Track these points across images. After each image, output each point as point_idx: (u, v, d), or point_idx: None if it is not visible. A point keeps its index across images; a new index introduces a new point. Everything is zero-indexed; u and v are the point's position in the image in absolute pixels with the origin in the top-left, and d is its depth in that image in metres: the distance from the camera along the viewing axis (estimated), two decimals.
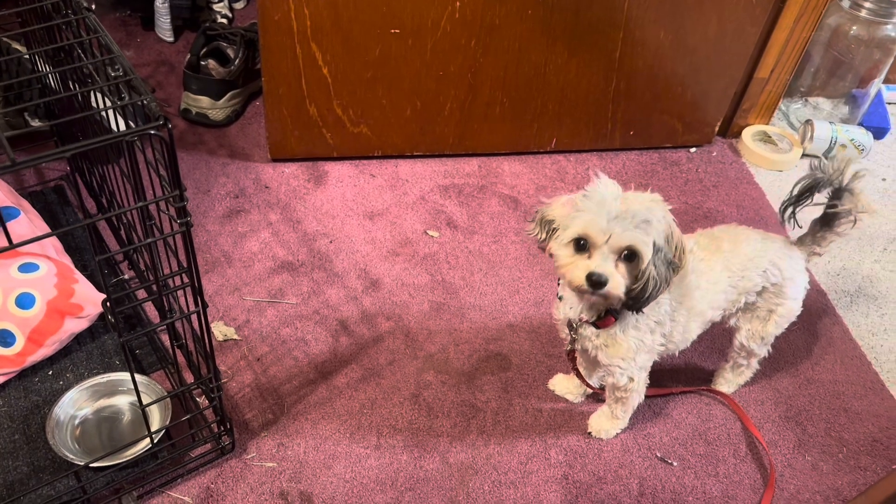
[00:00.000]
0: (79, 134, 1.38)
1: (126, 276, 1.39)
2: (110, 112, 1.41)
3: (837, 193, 1.16)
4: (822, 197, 1.19)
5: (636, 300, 1.00)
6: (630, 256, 0.97)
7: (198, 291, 0.92)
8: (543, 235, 1.04)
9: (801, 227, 1.21)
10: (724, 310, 1.19)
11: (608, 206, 0.96)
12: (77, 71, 1.16)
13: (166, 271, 0.99)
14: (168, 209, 0.89)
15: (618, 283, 0.97)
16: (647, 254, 0.96)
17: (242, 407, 1.26)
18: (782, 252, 1.18)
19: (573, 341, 1.14)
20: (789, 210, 1.19)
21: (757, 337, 1.23)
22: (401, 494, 1.17)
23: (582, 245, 0.98)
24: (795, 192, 1.17)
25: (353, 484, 1.18)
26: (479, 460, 1.23)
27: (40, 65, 1.42)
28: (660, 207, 0.99)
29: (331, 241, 1.55)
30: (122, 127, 1.50)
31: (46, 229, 1.37)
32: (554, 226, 1.02)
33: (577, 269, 0.98)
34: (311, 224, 1.58)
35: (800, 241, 1.23)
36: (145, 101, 0.78)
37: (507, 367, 1.37)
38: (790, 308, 1.21)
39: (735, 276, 1.16)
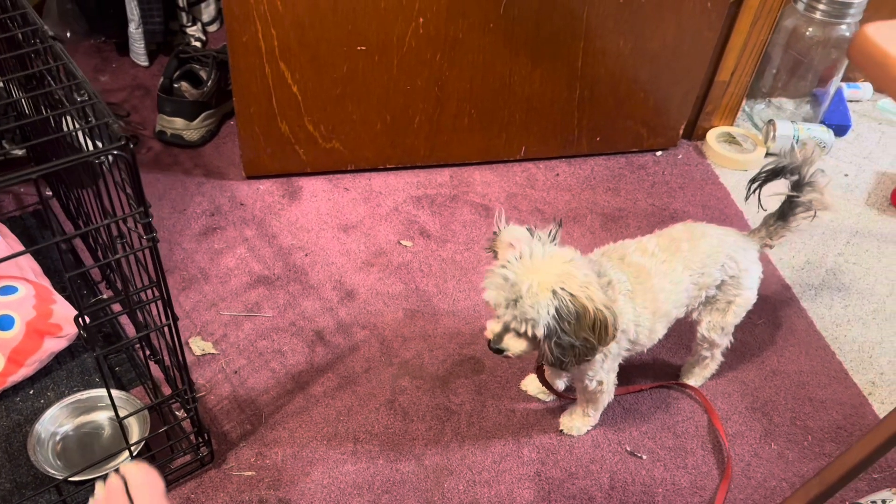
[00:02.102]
0: (55, 160, 1.41)
1: (105, 297, 1.42)
2: (83, 139, 1.45)
3: (798, 186, 1.21)
4: (783, 188, 1.24)
5: (552, 365, 1.07)
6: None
7: (167, 304, 0.95)
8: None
9: (764, 210, 1.27)
10: (687, 306, 1.23)
11: (506, 291, 1.01)
12: (49, 98, 1.20)
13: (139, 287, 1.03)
14: (137, 226, 0.92)
15: (516, 349, 1.06)
16: (538, 340, 1.03)
17: (221, 419, 1.29)
18: (737, 245, 1.22)
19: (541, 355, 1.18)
20: (755, 187, 1.24)
21: (717, 328, 1.27)
22: (378, 497, 1.20)
23: None
24: (762, 173, 1.23)
25: (331, 489, 1.21)
26: (453, 461, 1.26)
27: (15, 93, 1.46)
28: (550, 304, 0.99)
29: (306, 255, 1.58)
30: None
31: (26, 253, 1.40)
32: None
33: (489, 326, 1.08)
34: (287, 238, 1.61)
35: (753, 234, 1.27)
36: (109, 123, 0.82)
37: (480, 370, 1.40)
38: (747, 297, 1.25)
39: (696, 274, 1.19)
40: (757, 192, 1.24)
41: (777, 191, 1.24)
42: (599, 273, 1.12)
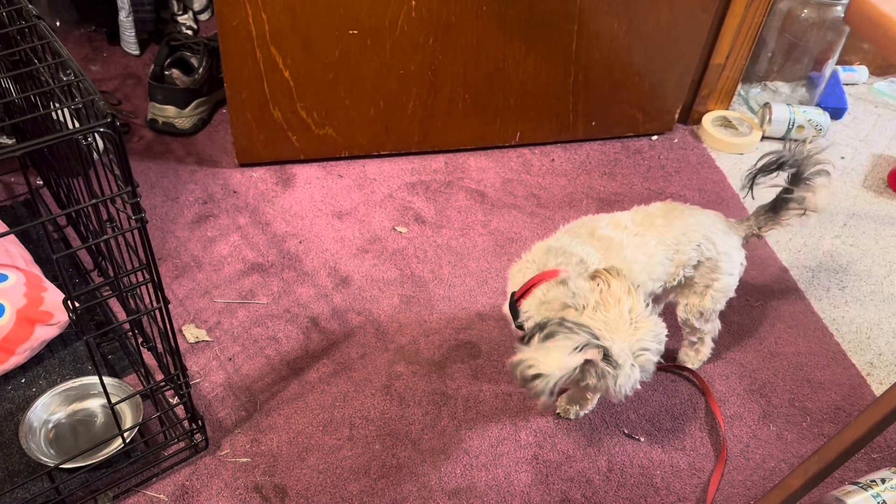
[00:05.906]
0: (45, 148, 1.40)
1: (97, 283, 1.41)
2: (72, 123, 1.43)
3: (795, 180, 1.20)
4: (780, 181, 1.23)
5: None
6: None
7: (158, 286, 0.94)
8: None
9: (754, 199, 1.25)
10: (664, 282, 1.22)
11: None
12: (36, 81, 1.18)
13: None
14: (126, 208, 0.91)
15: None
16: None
17: (215, 406, 1.28)
18: (716, 227, 1.21)
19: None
20: (748, 178, 1.23)
21: (695, 311, 1.26)
22: (374, 482, 1.19)
23: None
24: (759, 164, 1.22)
25: (327, 474, 1.20)
26: (450, 446, 1.25)
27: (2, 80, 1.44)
28: None
29: (300, 242, 1.57)
30: None
31: (15, 241, 1.39)
32: None
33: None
34: (281, 226, 1.60)
35: (742, 222, 1.26)
36: (94, 100, 0.80)
37: (476, 354, 1.39)
38: (726, 283, 1.23)
39: (670, 250, 1.18)
40: (751, 183, 1.23)
41: (775, 183, 1.23)
42: (566, 252, 1.11)
